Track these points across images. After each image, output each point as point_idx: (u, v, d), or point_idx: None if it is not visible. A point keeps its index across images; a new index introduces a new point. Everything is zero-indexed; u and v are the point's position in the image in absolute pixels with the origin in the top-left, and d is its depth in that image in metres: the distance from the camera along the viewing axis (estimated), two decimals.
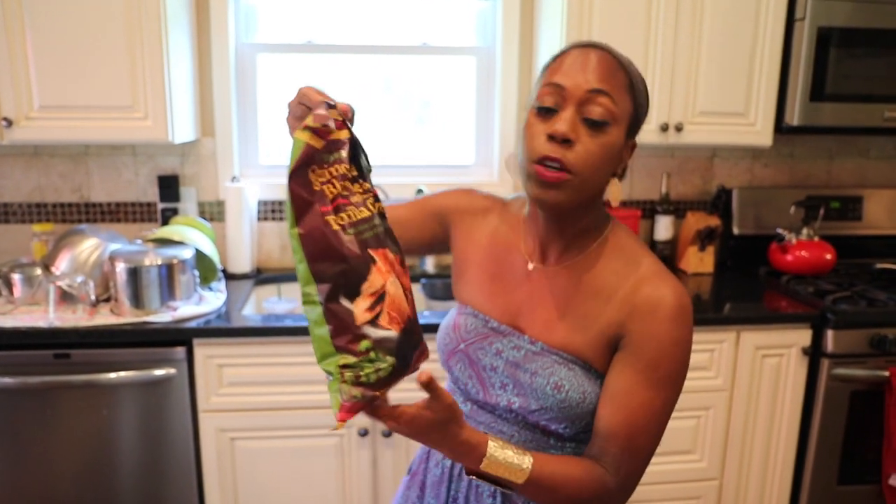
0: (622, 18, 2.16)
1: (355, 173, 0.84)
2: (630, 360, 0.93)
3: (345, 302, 0.77)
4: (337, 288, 0.77)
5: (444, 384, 1.06)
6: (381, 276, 0.80)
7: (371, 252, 0.81)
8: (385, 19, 2.48)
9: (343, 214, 0.80)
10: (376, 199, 0.86)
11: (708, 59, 2.23)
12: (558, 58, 0.94)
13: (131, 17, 1.98)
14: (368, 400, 0.78)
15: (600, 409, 0.94)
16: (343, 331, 0.77)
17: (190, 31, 2.27)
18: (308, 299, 0.78)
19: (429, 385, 0.80)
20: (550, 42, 2.25)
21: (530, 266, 1.03)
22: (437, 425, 0.82)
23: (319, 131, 0.79)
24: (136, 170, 2.40)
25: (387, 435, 2.01)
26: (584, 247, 1.00)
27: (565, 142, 0.89)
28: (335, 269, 0.77)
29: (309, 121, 0.79)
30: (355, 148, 0.85)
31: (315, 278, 0.77)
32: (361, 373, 0.77)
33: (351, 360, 0.77)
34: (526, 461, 0.87)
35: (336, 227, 0.78)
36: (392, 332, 0.79)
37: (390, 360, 0.79)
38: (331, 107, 0.82)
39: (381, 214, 0.86)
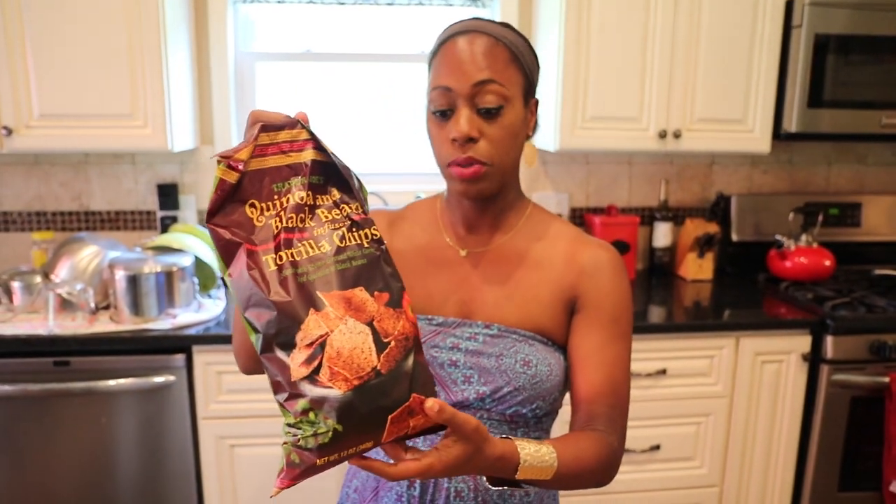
0: (620, 27, 2.17)
1: (333, 200, 0.75)
2: (592, 319, 0.97)
3: (280, 354, 0.67)
4: (268, 340, 0.67)
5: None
6: (326, 323, 0.68)
7: (319, 295, 0.69)
8: (383, 28, 2.50)
9: (290, 251, 0.70)
10: (357, 225, 0.75)
11: (706, 66, 2.24)
12: (438, 52, 0.94)
13: (131, 25, 1.99)
14: (307, 469, 0.67)
15: (576, 375, 0.96)
16: (279, 387, 0.68)
17: (189, 39, 2.28)
18: (253, 346, 0.70)
19: (443, 415, 0.70)
20: (548, 50, 2.26)
21: (462, 253, 1.02)
22: (470, 455, 0.74)
23: (231, 163, 0.70)
24: (136, 178, 2.41)
25: None
26: (512, 224, 1.03)
27: (469, 140, 0.91)
28: (263, 320, 0.68)
29: (225, 151, 0.71)
30: (329, 170, 0.76)
31: (252, 327, 0.68)
32: (299, 436, 0.67)
33: (291, 419, 0.67)
34: (551, 455, 0.82)
35: (273, 266, 0.69)
36: (334, 391, 0.67)
37: (330, 423, 0.66)
38: (293, 125, 0.74)
39: (375, 241, 0.75)
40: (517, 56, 0.93)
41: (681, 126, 2.26)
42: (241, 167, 0.70)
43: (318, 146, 0.75)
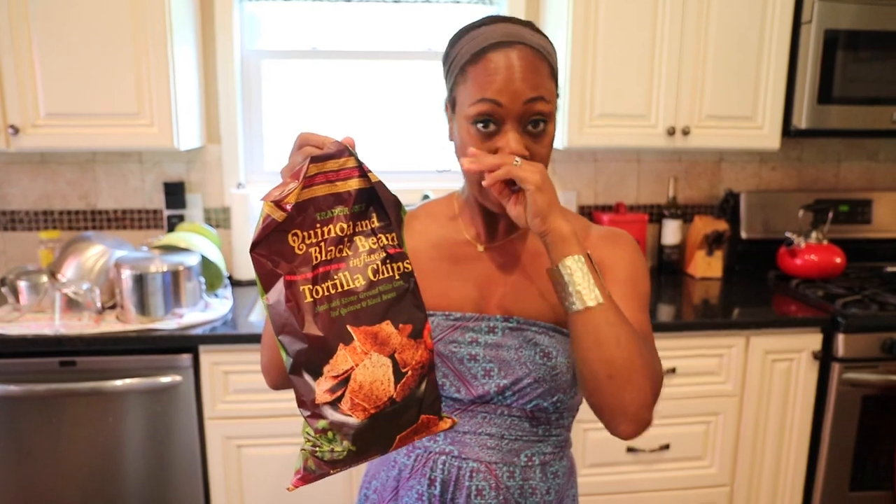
0: (628, 25, 2.16)
1: (371, 227, 0.78)
2: (608, 280, 0.95)
3: (307, 377, 0.72)
4: (298, 364, 0.72)
5: None
6: (353, 357, 0.74)
7: (349, 329, 0.74)
8: (389, 25, 2.49)
9: (326, 284, 0.74)
10: (391, 258, 0.78)
11: (714, 63, 2.22)
12: (480, 61, 0.89)
13: (137, 24, 1.98)
14: (321, 475, 0.75)
15: None
16: (304, 404, 0.73)
17: (195, 37, 2.27)
18: (283, 364, 0.75)
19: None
20: (555, 47, 2.24)
21: (480, 248, 1.02)
22: (557, 208, 0.85)
23: (278, 203, 0.72)
24: (143, 177, 2.41)
25: None
26: None
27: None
28: (295, 347, 0.72)
29: (275, 192, 0.72)
30: (372, 196, 0.77)
31: (283, 348, 0.73)
32: (317, 448, 0.74)
33: (311, 431, 0.74)
34: (604, 289, 0.84)
35: (309, 299, 0.72)
36: (352, 419, 0.73)
37: (346, 445, 0.73)
38: (341, 153, 0.75)
39: (406, 275, 0.79)
40: (554, 68, 0.93)
41: (689, 123, 2.24)
42: (289, 208, 0.72)
43: (363, 174, 0.77)
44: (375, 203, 0.78)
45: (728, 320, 2.07)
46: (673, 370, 2.06)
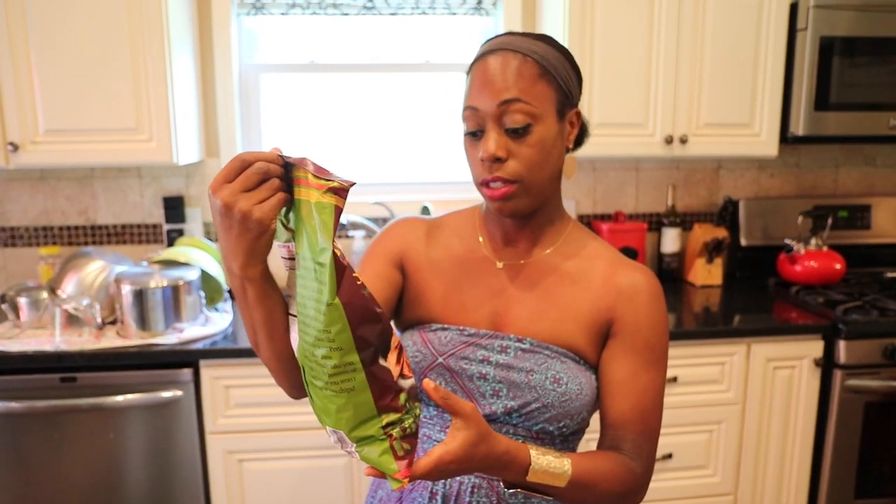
0: (624, 33, 2.17)
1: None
2: (627, 345, 0.96)
3: (382, 361, 0.75)
4: (378, 349, 0.75)
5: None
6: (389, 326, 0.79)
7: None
8: (386, 38, 2.50)
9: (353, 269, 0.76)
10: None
11: (711, 71, 2.22)
12: (471, 71, 0.95)
13: (135, 39, 1.99)
14: (414, 449, 0.78)
15: (606, 399, 0.96)
16: (385, 390, 0.75)
17: (193, 52, 2.28)
18: (348, 369, 0.73)
19: (438, 392, 0.75)
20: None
21: (499, 265, 1.01)
22: (475, 442, 0.76)
23: (338, 189, 0.71)
24: (142, 191, 2.41)
25: None
26: (551, 240, 1.02)
27: (497, 160, 0.91)
28: (376, 331, 0.74)
29: (334, 183, 0.71)
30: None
31: (357, 346, 0.73)
32: (405, 425, 0.76)
33: (394, 416, 0.76)
34: (566, 463, 0.84)
35: (360, 281, 0.74)
36: (411, 379, 0.78)
37: (418, 405, 0.78)
38: (302, 163, 0.74)
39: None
40: (548, 70, 0.93)
41: (687, 131, 2.25)
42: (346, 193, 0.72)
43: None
44: None
45: (729, 328, 2.07)
46: (675, 379, 2.05)
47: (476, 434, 0.76)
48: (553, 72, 0.93)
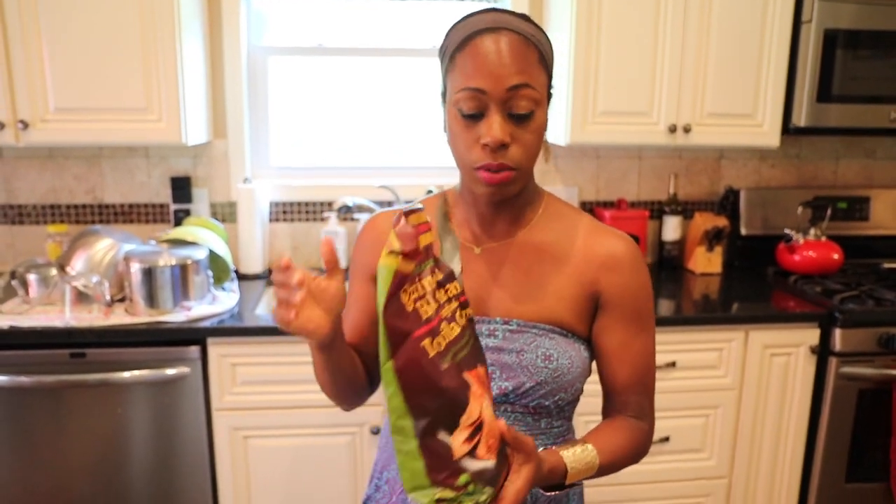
0: (630, 24, 2.18)
1: (440, 277, 0.77)
2: (617, 316, 1.00)
3: (442, 436, 0.71)
4: (436, 422, 0.71)
5: None
6: (477, 402, 0.75)
7: (466, 376, 0.75)
8: (394, 22, 2.51)
9: (438, 338, 0.73)
10: (464, 305, 0.79)
11: (716, 62, 2.24)
12: (464, 49, 0.89)
13: (145, 20, 2.00)
14: None
15: (604, 368, 1.02)
16: (441, 467, 0.71)
17: (203, 34, 2.29)
18: (401, 432, 0.72)
19: (510, 433, 0.77)
20: (558, 45, 2.26)
21: (477, 250, 1.01)
22: (537, 470, 0.81)
23: (410, 254, 0.71)
24: (149, 171, 2.43)
25: None
26: (528, 219, 1.01)
27: (501, 146, 0.88)
28: (434, 404, 0.71)
29: (395, 245, 0.71)
30: (432, 250, 0.78)
31: (412, 413, 0.70)
32: None
33: (449, 494, 0.72)
34: (592, 453, 0.91)
35: (433, 353, 0.71)
36: (489, 463, 0.74)
37: (489, 491, 0.74)
38: (409, 212, 0.73)
39: (471, 321, 0.80)
40: (544, 56, 0.91)
41: (691, 120, 2.27)
42: (418, 258, 0.72)
43: (429, 229, 0.77)
44: (432, 254, 0.79)
45: (727, 315, 2.10)
46: (673, 364, 2.09)
47: (536, 465, 0.81)
48: (546, 57, 0.92)
